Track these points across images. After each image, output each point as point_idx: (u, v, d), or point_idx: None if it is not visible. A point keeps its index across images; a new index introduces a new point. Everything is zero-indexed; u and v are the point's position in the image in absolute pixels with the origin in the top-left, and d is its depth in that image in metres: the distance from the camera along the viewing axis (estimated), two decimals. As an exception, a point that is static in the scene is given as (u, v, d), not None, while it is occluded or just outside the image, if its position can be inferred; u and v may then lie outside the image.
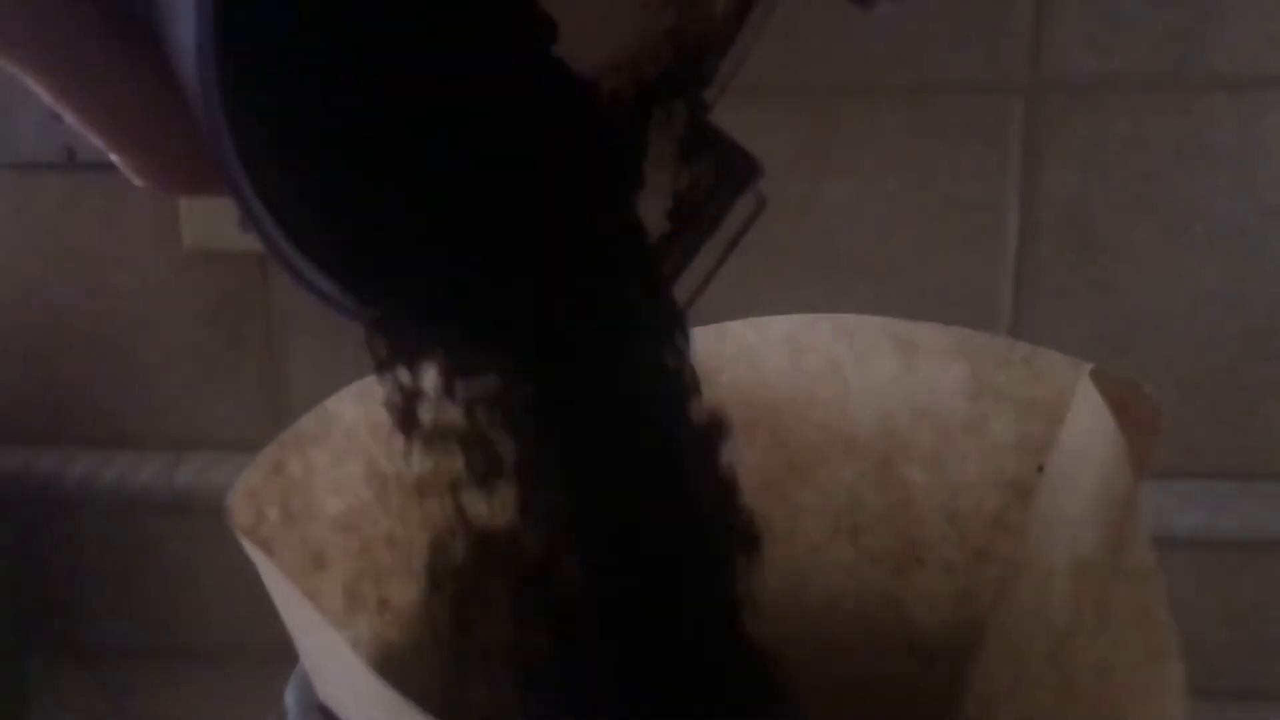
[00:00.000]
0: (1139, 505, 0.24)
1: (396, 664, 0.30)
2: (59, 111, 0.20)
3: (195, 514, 0.59)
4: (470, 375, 0.26)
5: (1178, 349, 0.55)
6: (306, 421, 0.29)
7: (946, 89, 0.53)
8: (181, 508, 0.59)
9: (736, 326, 0.36)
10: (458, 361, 0.26)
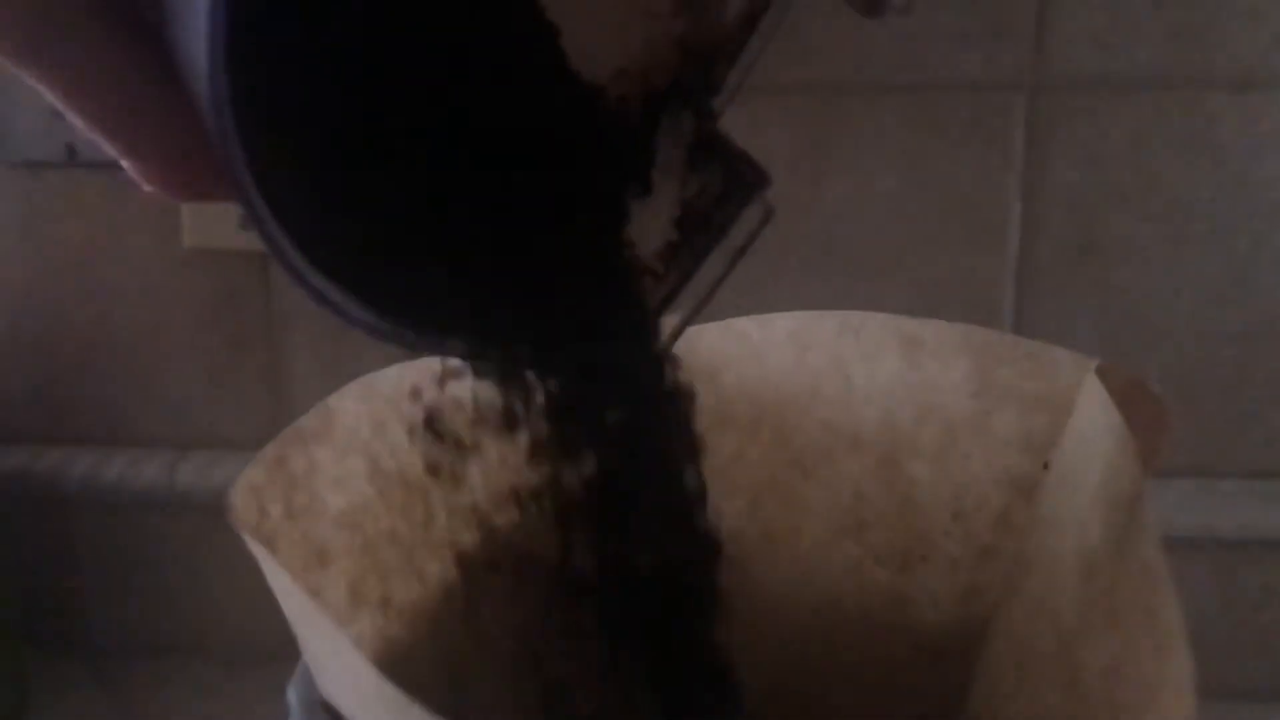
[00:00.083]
0: (1146, 502, 0.24)
1: (399, 661, 0.30)
2: (68, 117, 0.20)
3: (196, 512, 0.59)
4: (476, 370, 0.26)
5: (1179, 347, 0.55)
6: (309, 418, 0.29)
7: (949, 87, 0.53)
8: (183, 506, 0.59)
9: (740, 323, 0.36)
10: (459, 358, 0.26)
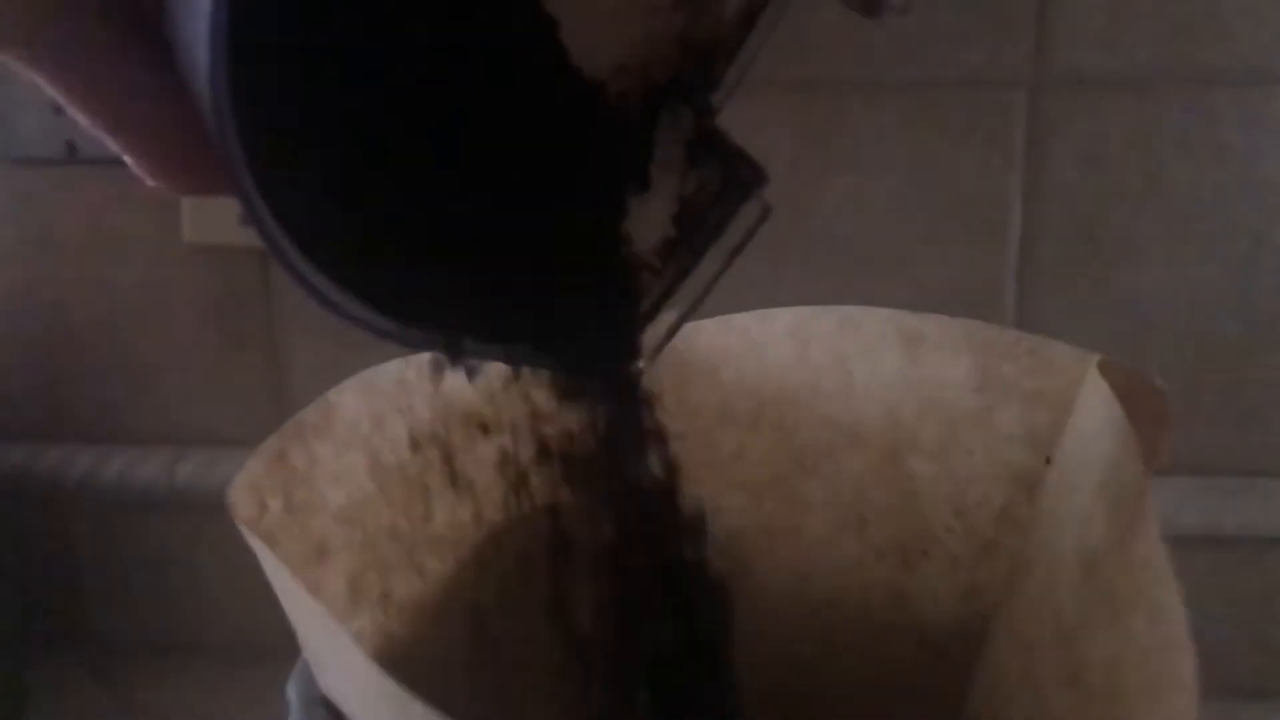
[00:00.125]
0: (1149, 497, 0.24)
1: (399, 657, 0.30)
2: (73, 115, 0.21)
3: (196, 510, 0.59)
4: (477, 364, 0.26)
5: (1181, 345, 0.55)
6: (309, 413, 0.29)
7: (950, 84, 0.53)
8: (183, 504, 0.59)
9: (741, 319, 0.36)
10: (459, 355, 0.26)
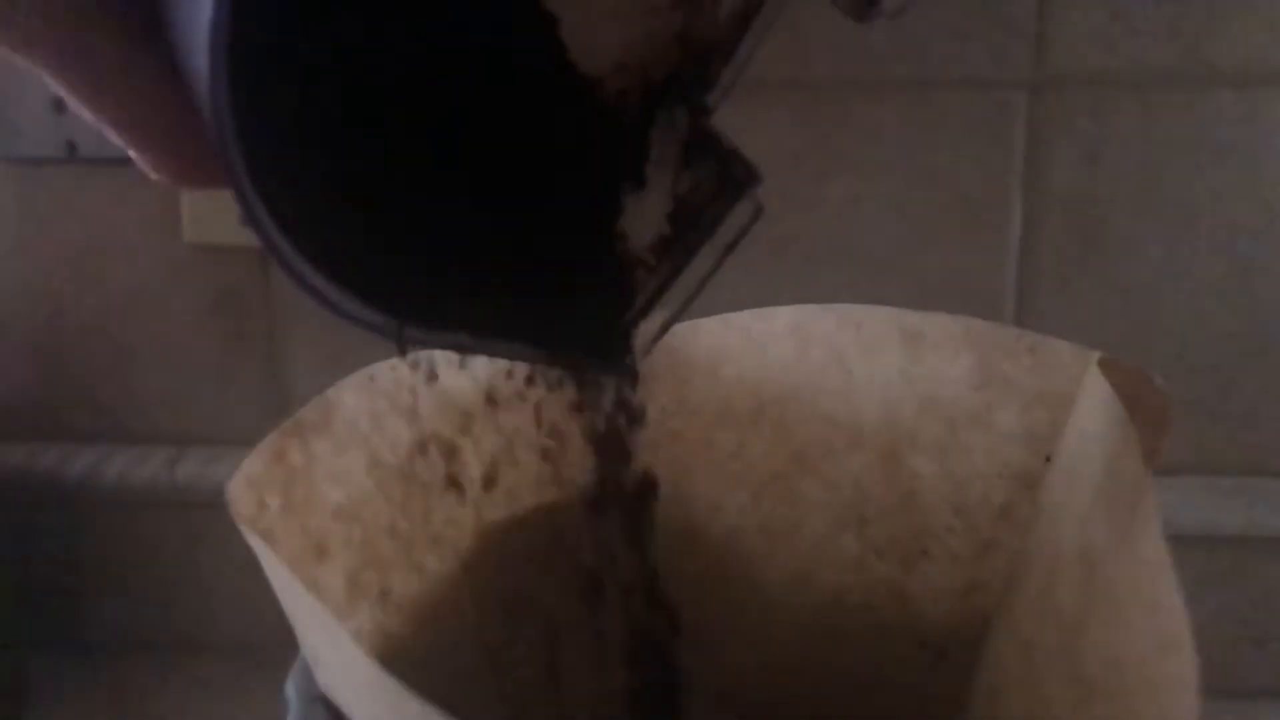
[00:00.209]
0: (1150, 495, 0.24)
1: (397, 655, 0.30)
2: (77, 109, 0.21)
3: (197, 509, 0.59)
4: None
5: (1181, 345, 0.55)
6: (307, 411, 0.29)
7: (950, 84, 0.53)
8: (183, 503, 0.59)
9: (741, 318, 0.36)
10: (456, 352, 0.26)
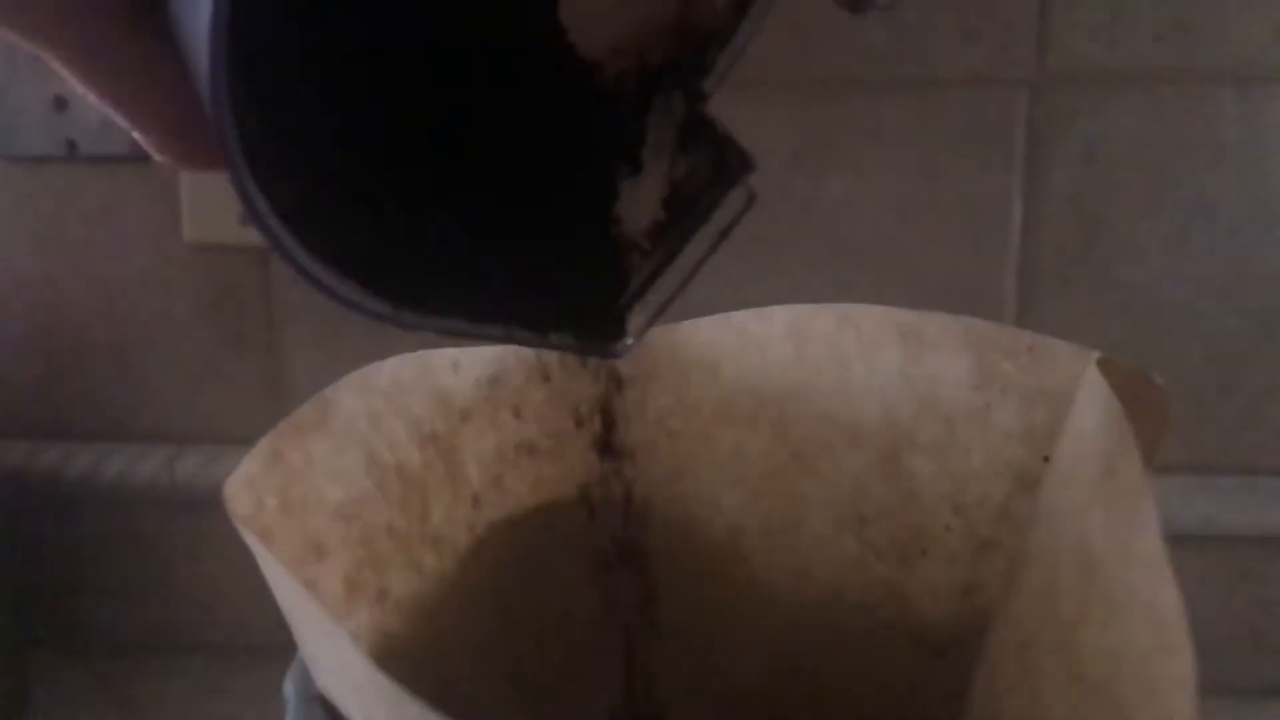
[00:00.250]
0: (1148, 495, 0.24)
1: (396, 654, 0.30)
2: (83, 93, 0.22)
3: (196, 508, 0.59)
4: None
5: (1181, 344, 0.55)
6: (305, 411, 0.29)
7: (951, 83, 0.53)
8: (182, 502, 0.59)
9: (740, 317, 0.35)
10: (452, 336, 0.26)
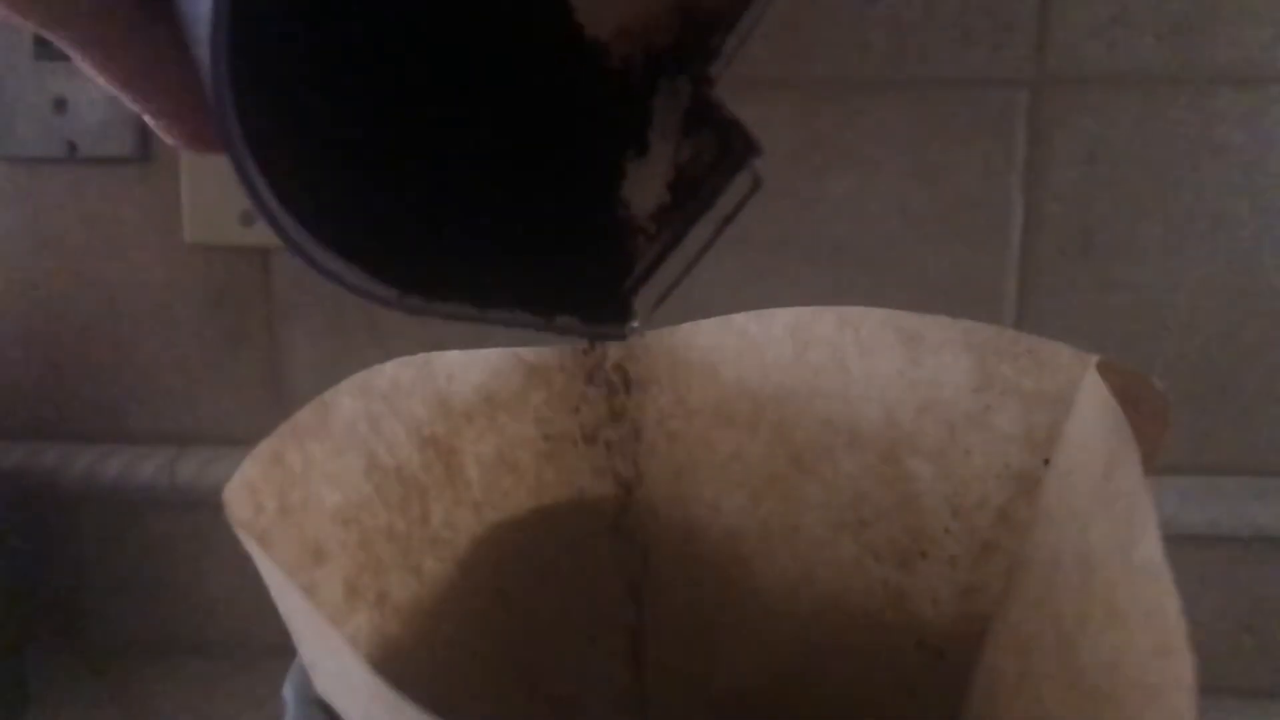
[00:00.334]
0: (1148, 498, 0.23)
1: (396, 658, 0.30)
2: (95, 77, 0.24)
3: (197, 509, 0.59)
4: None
5: (1182, 344, 0.55)
6: (304, 414, 0.29)
7: (951, 83, 0.53)
8: (183, 502, 0.59)
9: (740, 319, 0.35)
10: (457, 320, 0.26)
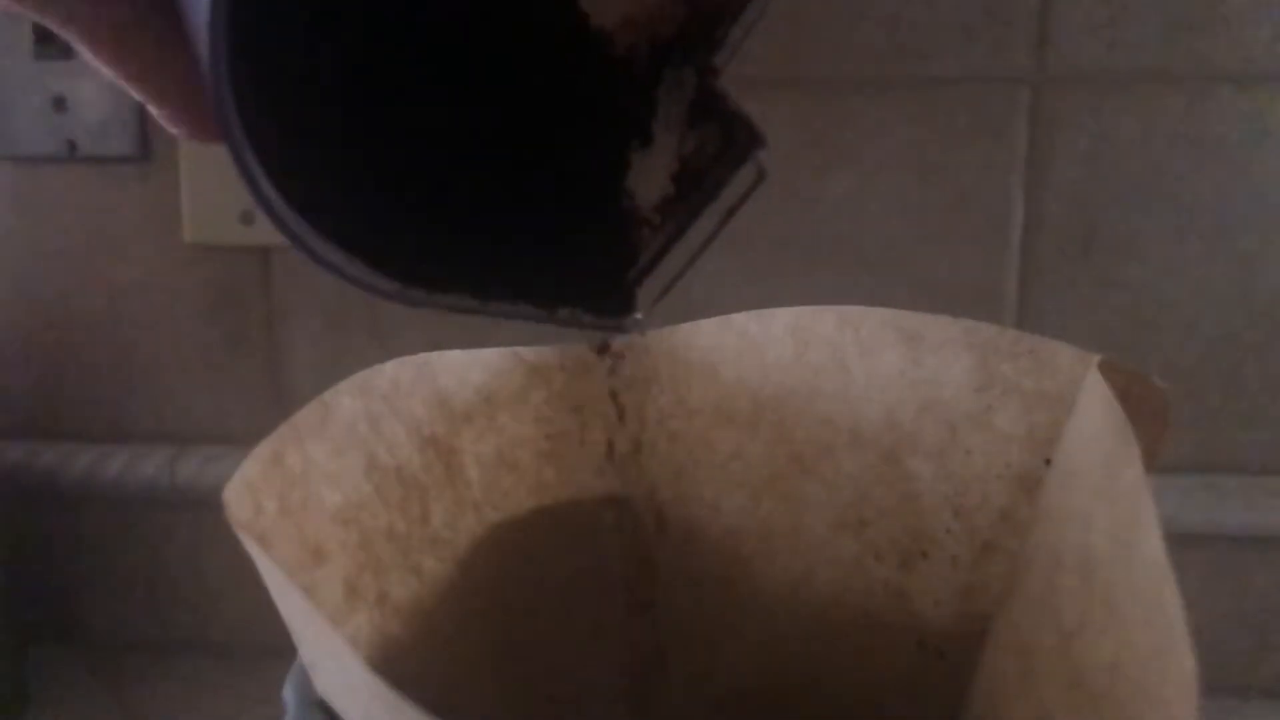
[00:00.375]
0: (1149, 498, 0.23)
1: (396, 658, 0.30)
2: (99, 68, 0.24)
3: (196, 508, 0.59)
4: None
5: (1183, 343, 0.55)
6: (304, 415, 0.29)
7: (952, 81, 0.53)
8: (183, 502, 0.59)
9: (740, 318, 0.35)
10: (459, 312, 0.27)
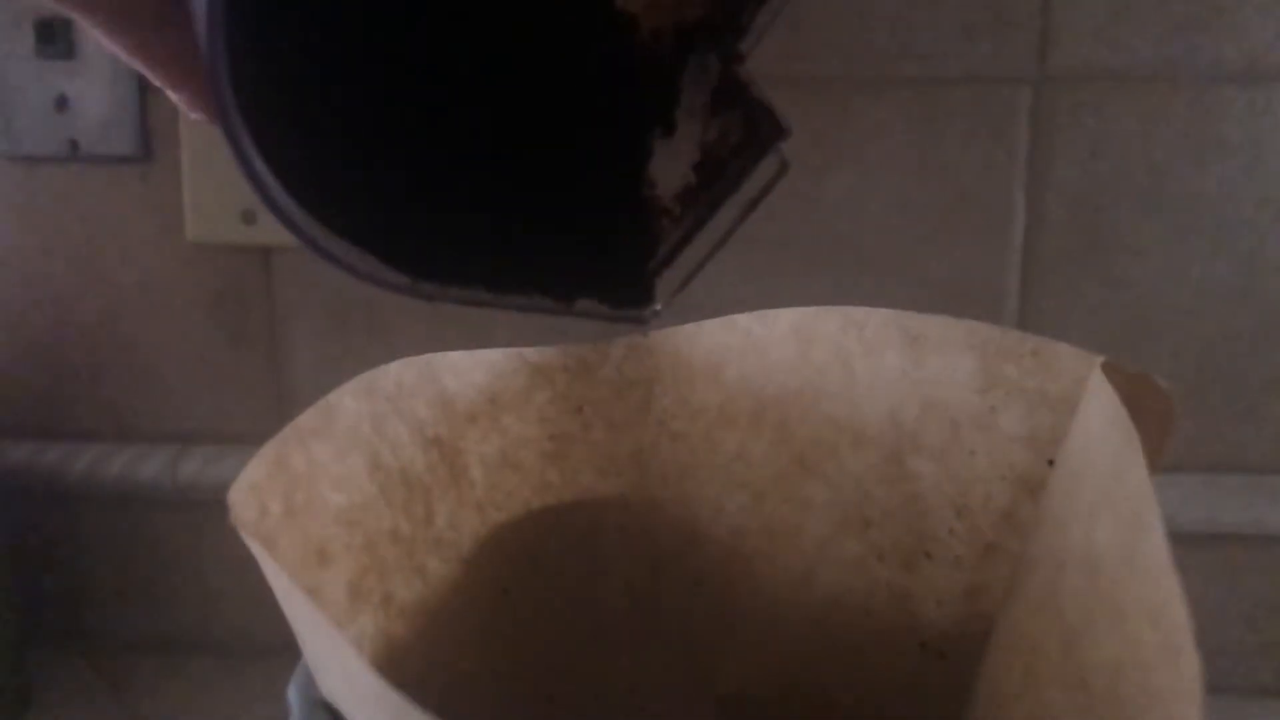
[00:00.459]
0: (1153, 499, 0.23)
1: (401, 659, 0.30)
2: (113, 51, 0.25)
3: (198, 507, 0.59)
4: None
5: (1185, 342, 0.55)
6: (308, 416, 0.29)
7: (953, 80, 0.53)
8: (185, 501, 0.59)
9: (743, 319, 0.35)
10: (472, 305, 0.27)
